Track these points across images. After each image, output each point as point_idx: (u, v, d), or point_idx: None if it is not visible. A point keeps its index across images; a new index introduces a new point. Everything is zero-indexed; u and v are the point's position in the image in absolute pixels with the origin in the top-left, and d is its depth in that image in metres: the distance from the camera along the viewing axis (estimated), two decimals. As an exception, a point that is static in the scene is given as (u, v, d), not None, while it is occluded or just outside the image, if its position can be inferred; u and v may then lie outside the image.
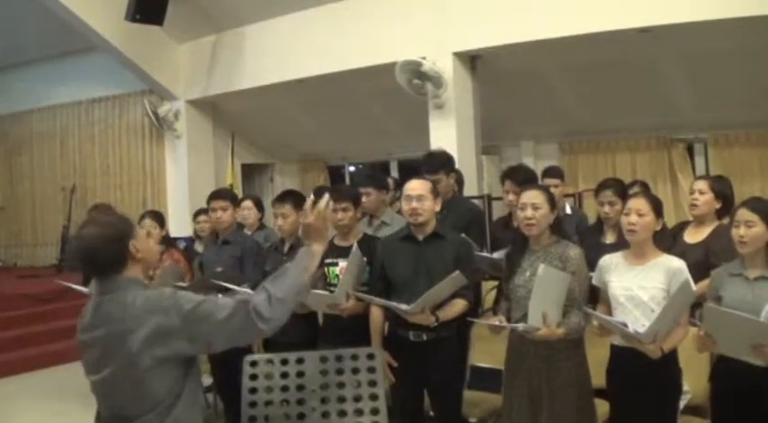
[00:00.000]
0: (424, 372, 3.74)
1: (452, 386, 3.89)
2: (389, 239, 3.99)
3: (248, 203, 5.79)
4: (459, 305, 3.69)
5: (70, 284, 5.65)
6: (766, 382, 2.91)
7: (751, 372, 2.92)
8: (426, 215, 3.73)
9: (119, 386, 2.30)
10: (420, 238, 3.78)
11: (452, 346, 3.85)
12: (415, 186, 3.76)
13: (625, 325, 3.10)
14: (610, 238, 4.38)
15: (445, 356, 3.77)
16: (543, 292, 3.24)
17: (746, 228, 3.07)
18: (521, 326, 3.31)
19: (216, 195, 5.05)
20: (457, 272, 3.40)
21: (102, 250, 2.33)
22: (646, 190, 4.54)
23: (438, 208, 3.82)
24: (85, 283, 5.59)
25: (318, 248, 2.54)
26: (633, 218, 3.28)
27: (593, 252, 3.72)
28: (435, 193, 3.81)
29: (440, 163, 4.72)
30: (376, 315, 3.84)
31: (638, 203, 3.32)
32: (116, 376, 2.29)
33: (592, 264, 3.52)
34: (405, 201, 3.78)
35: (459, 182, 5.42)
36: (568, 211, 5.38)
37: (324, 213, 2.56)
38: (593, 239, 4.40)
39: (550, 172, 5.30)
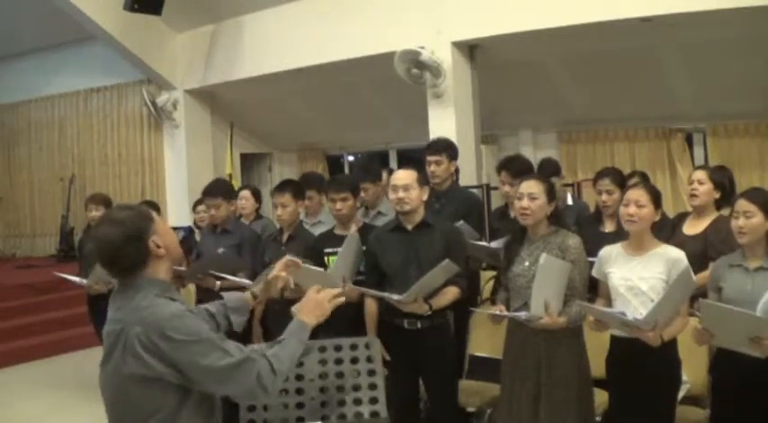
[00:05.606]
0: (418, 359, 3.76)
1: (447, 373, 3.90)
2: (379, 231, 4.01)
3: (246, 193, 5.79)
4: (451, 293, 3.70)
5: (65, 276, 5.64)
6: (766, 373, 2.91)
7: (751, 363, 2.92)
8: (413, 204, 3.73)
9: (108, 387, 2.17)
10: (409, 227, 3.79)
11: (447, 333, 3.88)
12: (402, 176, 3.77)
13: (623, 314, 3.10)
14: (609, 228, 4.38)
15: (440, 344, 3.78)
16: (545, 281, 3.24)
17: (745, 218, 3.09)
18: (523, 314, 3.32)
19: (207, 193, 5.00)
20: (447, 260, 3.40)
21: (120, 251, 2.13)
22: (645, 181, 4.52)
23: (425, 197, 3.82)
24: (80, 274, 5.59)
25: (311, 323, 2.40)
26: (632, 209, 3.27)
27: (593, 241, 3.72)
28: (422, 182, 3.81)
29: (444, 145, 4.74)
30: (370, 306, 3.86)
31: (637, 194, 3.31)
32: (108, 376, 2.16)
33: (591, 253, 3.52)
34: (391, 190, 3.80)
35: (455, 172, 5.41)
36: (570, 202, 5.37)
37: (333, 300, 2.47)
38: (592, 228, 4.39)
39: (550, 169, 5.23)
